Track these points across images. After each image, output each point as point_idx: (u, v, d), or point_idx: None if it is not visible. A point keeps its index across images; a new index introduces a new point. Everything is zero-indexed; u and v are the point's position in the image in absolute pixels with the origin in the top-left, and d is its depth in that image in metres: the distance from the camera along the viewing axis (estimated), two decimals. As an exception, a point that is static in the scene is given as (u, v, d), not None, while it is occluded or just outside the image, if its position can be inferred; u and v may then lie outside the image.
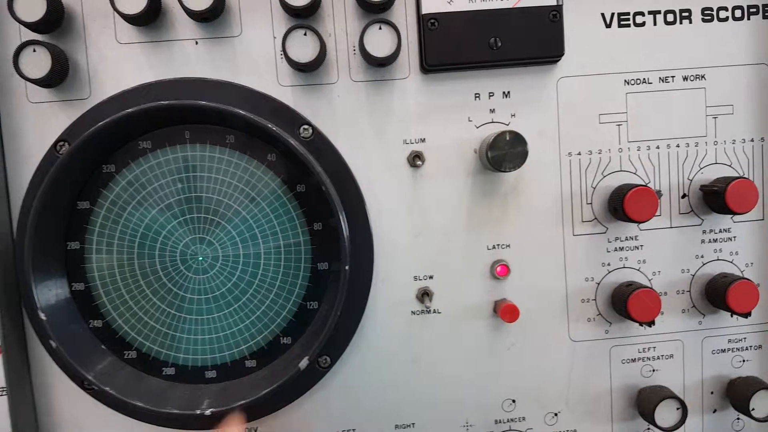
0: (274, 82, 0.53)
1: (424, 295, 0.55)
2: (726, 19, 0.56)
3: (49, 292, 0.51)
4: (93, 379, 0.49)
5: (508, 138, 0.50)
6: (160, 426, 0.54)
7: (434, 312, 0.56)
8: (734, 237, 0.58)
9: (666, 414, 0.54)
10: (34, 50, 0.49)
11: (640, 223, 0.54)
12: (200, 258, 0.52)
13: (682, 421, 0.54)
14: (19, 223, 0.52)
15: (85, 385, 0.49)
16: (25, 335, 0.54)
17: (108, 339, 0.53)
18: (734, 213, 0.54)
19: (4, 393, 0.50)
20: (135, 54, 0.52)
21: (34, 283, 0.49)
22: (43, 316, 0.49)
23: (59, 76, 0.51)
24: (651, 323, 0.54)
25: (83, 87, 0.52)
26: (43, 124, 0.52)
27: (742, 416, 0.57)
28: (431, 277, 0.56)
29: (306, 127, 0.52)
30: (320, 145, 0.53)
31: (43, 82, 0.50)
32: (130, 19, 0.50)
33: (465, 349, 0.57)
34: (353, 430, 0.57)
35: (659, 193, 0.55)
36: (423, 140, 0.54)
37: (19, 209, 0.52)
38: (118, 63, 0.52)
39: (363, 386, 0.56)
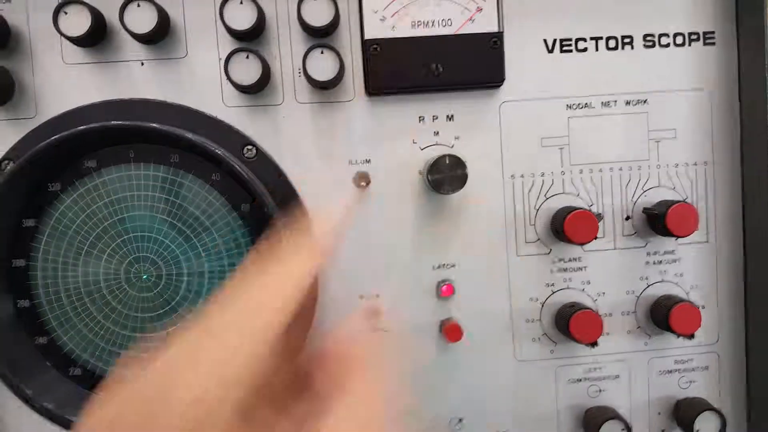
0: (219, 102, 0.54)
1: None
2: (667, 45, 0.57)
3: (-8, 310, 0.51)
4: (33, 395, 0.49)
5: (447, 161, 0.51)
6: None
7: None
8: (679, 259, 0.58)
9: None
10: (-20, 70, 0.50)
11: (581, 245, 0.54)
12: (144, 276, 0.53)
13: (624, 442, 0.54)
14: (-37, 241, 0.52)
15: (28, 401, 0.49)
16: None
17: (53, 356, 0.54)
18: (675, 236, 0.54)
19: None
20: (81, 74, 0.53)
21: (-25, 300, 0.49)
22: (-17, 334, 0.49)
23: (5, 95, 0.51)
24: (593, 344, 0.54)
25: (29, 106, 0.53)
26: (-12, 143, 0.53)
27: (686, 437, 0.58)
28: (377, 296, 0.56)
29: (250, 147, 0.53)
30: (265, 165, 0.53)
31: (-12, 102, 0.51)
32: (75, 41, 0.51)
33: (412, 368, 0.57)
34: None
35: (599, 216, 0.56)
36: (368, 161, 0.55)
37: (-36, 227, 0.52)
38: (65, 83, 0.53)
39: (308, 405, 0.56)
